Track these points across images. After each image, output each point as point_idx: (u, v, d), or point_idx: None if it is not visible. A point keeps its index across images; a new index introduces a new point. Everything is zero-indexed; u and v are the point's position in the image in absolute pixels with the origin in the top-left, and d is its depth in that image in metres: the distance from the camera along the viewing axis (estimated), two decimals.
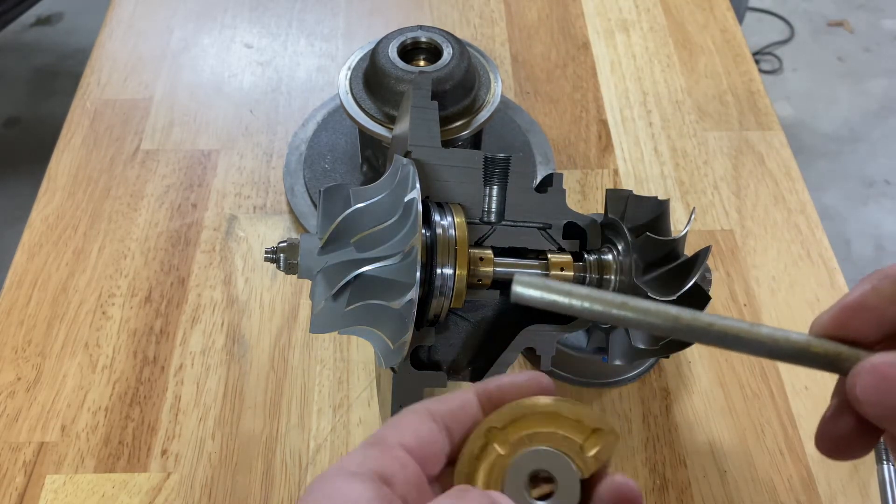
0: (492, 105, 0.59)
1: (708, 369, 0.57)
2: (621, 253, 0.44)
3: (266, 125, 0.72)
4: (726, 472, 0.52)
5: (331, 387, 0.56)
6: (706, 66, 0.78)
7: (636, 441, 0.53)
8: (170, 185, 0.67)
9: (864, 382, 0.29)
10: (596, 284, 0.44)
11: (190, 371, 0.56)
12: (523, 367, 0.57)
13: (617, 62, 0.79)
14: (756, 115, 0.74)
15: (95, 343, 0.57)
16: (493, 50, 0.79)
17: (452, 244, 0.40)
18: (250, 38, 0.80)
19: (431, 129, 0.43)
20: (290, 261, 0.42)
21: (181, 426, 0.54)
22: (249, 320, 0.59)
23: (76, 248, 0.63)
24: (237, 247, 0.63)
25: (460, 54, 0.58)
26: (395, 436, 0.30)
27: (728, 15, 0.84)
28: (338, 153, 0.68)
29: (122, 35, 0.80)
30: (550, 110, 0.74)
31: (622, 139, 0.72)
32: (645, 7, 0.84)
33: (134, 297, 0.60)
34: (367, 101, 0.59)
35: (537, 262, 0.43)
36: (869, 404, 0.29)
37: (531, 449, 0.31)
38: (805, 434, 0.54)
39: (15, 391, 0.55)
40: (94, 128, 0.71)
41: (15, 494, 0.50)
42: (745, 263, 0.63)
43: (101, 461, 0.52)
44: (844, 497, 0.51)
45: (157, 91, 0.75)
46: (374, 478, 0.28)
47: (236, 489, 0.51)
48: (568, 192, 0.50)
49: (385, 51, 0.58)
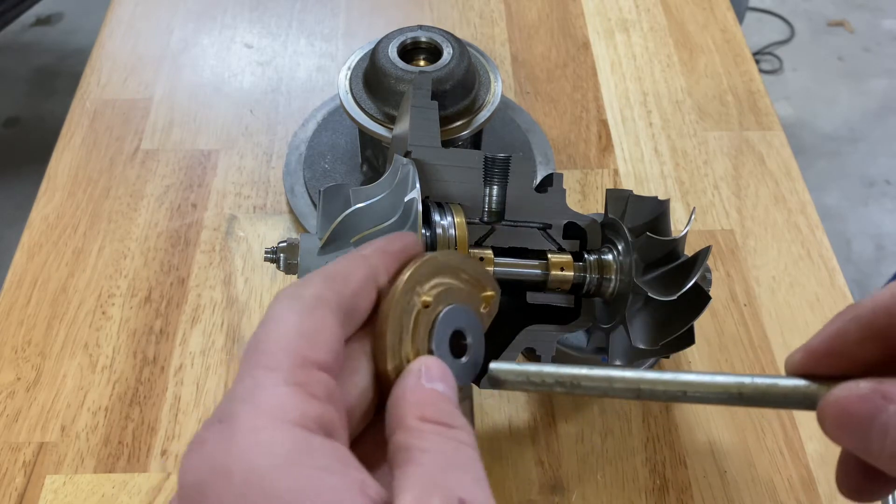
0: (492, 105, 0.59)
1: (708, 369, 0.57)
2: (621, 253, 0.44)
3: (266, 125, 0.72)
4: (726, 472, 0.52)
5: None
6: (706, 66, 0.78)
7: (636, 441, 0.53)
8: (170, 185, 0.67)
9: (830, 420, 0.28)
10: (596, 284, 0.44)
11: (190, 371, 0.56)
12: None
13: (617, 62, 0.79)
14: (756, 115, 0.74)
15: (95, 343, 0.57)
16: (493, 50, 0.79)
17: (452, 244, 0.40)
18: (250, 38, 0.80)
19: (431, 129, 0.43)
20: (290, 261, 0.42)
21: (181, 426, 0.54)
22: (249, 320, 0.59)
23: (76, 248, 0.63)
24: (237, 247, 0.63)
25: (460, 54, 0.58)
26: (301, 360, 0.26)
27: (728, 15, 0.84)
28: (338, 153, 0.68)
29: (122, 35, 0.80)
30: (550, 110, 0.74)
31: (622, 139, 0.72)
32: (645, 7, 0.84)
33: (134, 298, 0.60)
34: (367, 101, 0.59)
35: (537, 262, 0.43)
36: (841, 441, 0.28)
37: (451, 305, 0.31)
38: (805, 434, 0.54)
39: (15, 391, 0.55)
40: (94, 128, 0.71)
41: (15, 495, 0.50)
42: (745, 263, 0.63)
43: (101, 461, 0.52)
44: (844, 497, 0.51)
45: (157, 91, 0.75)
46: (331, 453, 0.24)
47: None
48: (568, 192, 0.50)
49: (385, 51, 0.58)
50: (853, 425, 0.27)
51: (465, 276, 0.32)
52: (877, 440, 0.26)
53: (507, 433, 0.54)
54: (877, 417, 0.26)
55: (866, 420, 0.27)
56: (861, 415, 0.27)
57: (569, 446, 0.53)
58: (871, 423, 0.26)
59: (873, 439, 0.26)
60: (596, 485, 0.51)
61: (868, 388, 0.27)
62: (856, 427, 0.27)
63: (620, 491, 0.51)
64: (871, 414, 0.27)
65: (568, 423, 0.54)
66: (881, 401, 0.26)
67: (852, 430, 0.27)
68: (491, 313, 0.32)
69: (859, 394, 0.27)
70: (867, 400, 0.27)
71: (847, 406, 0.27)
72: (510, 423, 0.54)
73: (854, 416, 0.27)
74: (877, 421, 0.26)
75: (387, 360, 0.28)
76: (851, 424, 0.27)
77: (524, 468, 0.52)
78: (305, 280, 0.29)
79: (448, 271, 0.31)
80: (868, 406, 0.27)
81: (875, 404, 0.26)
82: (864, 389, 0.27)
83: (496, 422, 0.54)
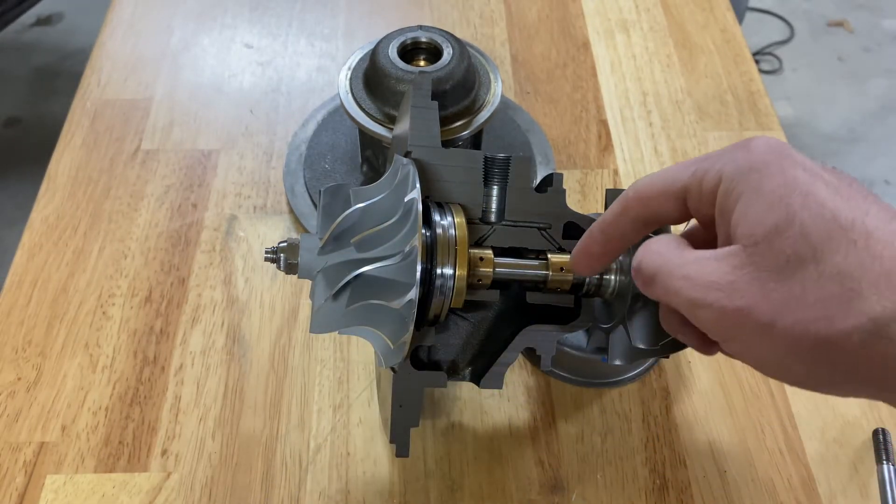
0: (492, 105, 0.59)
1: (708, 369, 0.57)
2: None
3: (266, 125, 0.72)
4: (726, 472, 0.52)
5: (331, 387, 0.56)
6: (706, 66, 0.78)
7: (636, 441, 0.53)
8: (170, 185, 0.67)
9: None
10: (596, 284, 0.44)
11: (190, 371, 0.56)
12: (523, 368, 0.57)
13: (617, 62, 0.79)
14: (756, 115, 0.74)
15: (95, 343, 0.57)
16: (493, 50, 0.79)
17: (452, 244, 0.40)
18: (250, 38, 0.80)
19: (431, 129, 0.43)
20: (290, 261, 0.42)
21: (181, 426, 0.54)
22: (249, 320, 0.59)
23: (76, 249, 0.63)
24: (237, 247, 0.63)
25: (460, 54, 0.58)
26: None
27: (728, 15, 0.84)
28: (338, 153, 0.68)
29: (122, 35, 0.80)
30: (550, 110, 0.74)
31: (622, 139, 0.72)
32: (645, 7, 0.84)
33: (134, 298, 0.60)
34: (368, 101, 0.59)
35: (537, 262, 0.43)
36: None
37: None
38: (805, 434, 0.54)
39: (15, 391, 0.55)
40: (94, 128, 0.71)
41: (15, 494, 0.50)
42: None
43: (102, 461, 0.52)
44: (844, 497, 0.51)
45: (157, 91, 0.75)
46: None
47: (236, 489, 0.51)
48: (568, 192, 0.50)
49: (385, 51, 0.58)
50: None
51: None
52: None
53: (507, 433, 0.54)
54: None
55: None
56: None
57: (569, 446, 0.53)
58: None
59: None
60: (596, 485, 0.51)
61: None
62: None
63: (620, 491, 0.51)
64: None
65: (568, 423, 0.54)
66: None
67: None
68: None
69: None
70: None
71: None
72: (510, 423, 0.54)
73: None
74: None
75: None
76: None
77: (524, 468, 0.52)
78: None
79: None
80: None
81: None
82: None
83: (496, 422, 0.54)
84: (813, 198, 0.29)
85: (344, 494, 0.51)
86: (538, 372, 0.57)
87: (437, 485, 0.51)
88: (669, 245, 0.33)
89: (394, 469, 0.52)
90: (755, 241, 0.29)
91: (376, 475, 0.52)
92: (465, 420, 0.54)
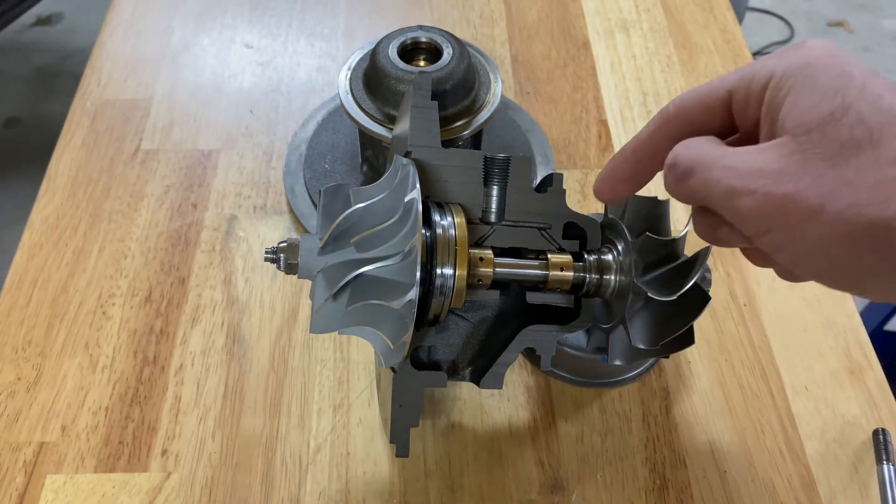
0: (492, 105, 0.59)
1: (708, 369, 0.57)
2: (621, 253, 0.44)
3: (266, 125, 0.72)
4: (726, 472, 0.52)
5: (331, 387, 0.56)
6: (706, 66, 0.78)
7: (636, 441, 0.53)
8: (170, 185, 0.67)
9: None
10: (596, 284, 0.44)
11: (190, 371, 0.56)
12: (523, 368, 0.57)
13: (617, 62, 0.79)
14: None
15: (95, 343, 0.57)
16: (493, 50, 0.79)
17: (452, 244, 0.40)
18: (250, 38, 0.80)
19: (431, 129, 0.43)
20: (290, 261, 0.42)
21: (181, 426, 0.54)
22: (249, 320, 0.59)
23: (76, 249, 0.63)
24: (237, 247, 0.63)
25: (460, 54, 0.58)
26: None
27: (728, 15, 0.84)
28: (338, 153, 0.68)
29: (122, 35, 0.80)
30: (550, 110, 0.74)
31: (622, 139, 0.72)
32: (645, 7, 0.84)
33: (134, 297, 0.60)
34: (367, 101, 0.59)
35: (537, 262, 0.43)
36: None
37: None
38: (805, 434, 0.54)
39: (15, 391, 0.55)
40: (94, 128, 0.71)
41: (15, 494, 0.50)
42: (744, 263, 0.63)
43: (102, 461, 0.52)
44: (844, 497, 0.51)
45: (157, 91, 0.75)
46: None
47: (236, 489, 0.51)
48: (568, 192, 0.50)
49: (385, 51, 0.58)
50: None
51: None
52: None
53: (507, 433, 0.54)
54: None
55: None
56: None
57: (569, 446, 0.53)
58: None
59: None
60: (596, 485, 0.51)
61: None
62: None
63: (620, 491, 0.51)
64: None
65: (568, 423, 0.54)
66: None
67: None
68: None
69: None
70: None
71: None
72: (510, 423, 0.54)
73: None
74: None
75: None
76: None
77: (524, 468, 0.52)
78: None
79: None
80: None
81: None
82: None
83: (496, 422, 0.54)
84: (870, 91, 0.29)
85: (344, 494, 0.51)
86: (538, 372, 0.57)
87: (437, 485, 0.51)
88: (709, 141, 0.33)
89: (394, 469, 0.52)
90: (807, 130, 0.29)
91: (376, 475, 0.52)
92: (465, 420, 0.54)
